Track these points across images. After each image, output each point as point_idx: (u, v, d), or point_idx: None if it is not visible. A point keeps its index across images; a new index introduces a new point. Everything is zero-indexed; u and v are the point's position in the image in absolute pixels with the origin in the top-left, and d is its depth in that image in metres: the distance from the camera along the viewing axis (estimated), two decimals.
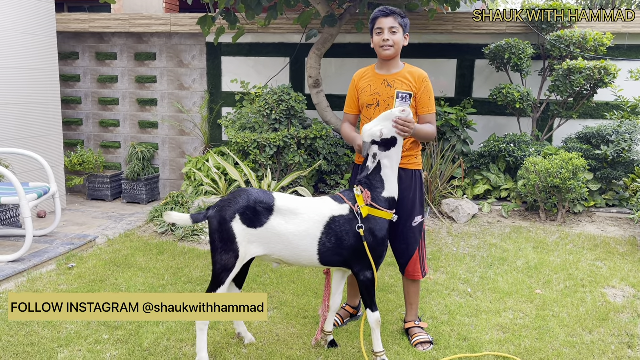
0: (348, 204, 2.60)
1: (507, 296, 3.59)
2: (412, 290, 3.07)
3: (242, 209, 2.51)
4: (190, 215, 2.57)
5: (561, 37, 5.45)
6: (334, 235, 2.55)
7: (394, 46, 2.81)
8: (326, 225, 2.56)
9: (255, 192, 2.58)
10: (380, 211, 2.60)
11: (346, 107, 3.06)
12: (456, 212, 5.28)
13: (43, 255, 4.11)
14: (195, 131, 6.70)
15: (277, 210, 2.54)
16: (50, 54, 5.70)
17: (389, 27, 2.79)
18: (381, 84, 2.88)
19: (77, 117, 7.02)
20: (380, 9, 2.82)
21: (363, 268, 2.61)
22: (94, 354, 2.76)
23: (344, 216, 2.58)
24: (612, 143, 5.32)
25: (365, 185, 2.63)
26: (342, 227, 2.56)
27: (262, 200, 2.54)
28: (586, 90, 5.45)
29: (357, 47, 6.26)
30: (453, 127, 5.81)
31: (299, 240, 2.54)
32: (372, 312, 2.65)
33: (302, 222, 2.54)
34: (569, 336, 3.06)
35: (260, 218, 2.52)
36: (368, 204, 2.59)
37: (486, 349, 2.90)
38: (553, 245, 4.60)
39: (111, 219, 5.57)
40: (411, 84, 2.86)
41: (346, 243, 2.57)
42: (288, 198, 2.60)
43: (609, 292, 3.69)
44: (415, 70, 2.91)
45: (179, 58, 6.65)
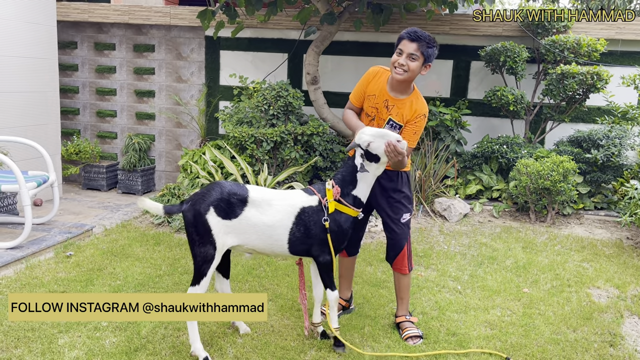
0: (317, 196, 2.74)
1: (496, 294, 3.70)
2: (402, 285, 3.16)
3: (216, 201, 2.60)
4: (164, 206, 2.63)
5: (556, 42, 5.55)
6: (303, 225, 2.70)
7: (408, 72, 2.77)
8: (297, 215, 2.70)
9: (229, 184, 2.68)
10: (346, 207, 2.74)
11: (352, 96, 3.06)
12: (448, 210, 5.38)
13: (41, 243, 4.16)
14: (192, 124, 6.75)
15: (251, 202, 2.66)
16: (51, 43, 5.73)
17: (410, 52, 2.75)
18: (382, 102, 2.91)
19: (74, 106, 7.04)
20: (410, 31, 2.76)
21: (323, 252, 2.76)
22: (93, 340, 2.83)
23: (313, 207, 2.73)
24: (602, 147, 5.44)
25: (337, 180, 2.76)
26: (310, 218, 2.71)
27: (235, 192, 2.64)
28: (579, 95, 5.56)
29: (355, 45, 6.33)
30: (447, 127, 5.90)
31: (272, 230, 2.68)
32: (331, 291, 2.81)
33: (275, 212, 2.68)
34: (553, 334, 3.17)
35: (235, 210, 2.62)
36: (336, 199, 2.72)
37: (474, 344, 3.00)
38: (541, 246, 4.71)
39: (107, 209, 5.62)
40: (405, 116, 2.88)
41: (312, 232, 2.72)
42: (261, 190, 2.74)
43: (593, 292, 3.81)
44: (418, 102, 2.89)
45: (178, 50, 6.68)
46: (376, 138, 2.68)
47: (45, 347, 2.75)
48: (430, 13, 5.70)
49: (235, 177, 5.48)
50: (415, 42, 2.75)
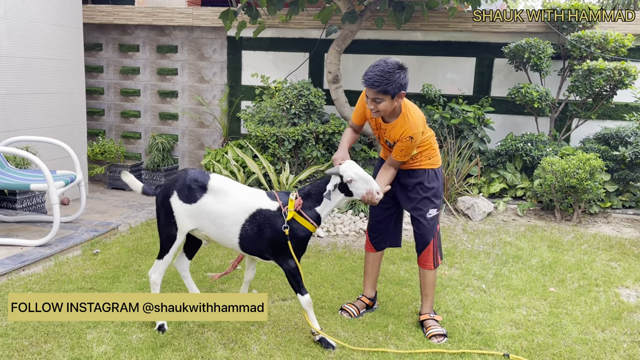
0: (278, 202, 2.81)
1: (521, 293, 3.65)
2: (427, 281, 3.15)
3: (180, 186, 2.81)
4: (142, 186, 2.96)
5: (582, 38, 5.45)
6: (256, 226, 2.77)
7: (380, 111, 2.81)
8: (252, 214, 2.78)
9: (193, 171, 2.86)
10: (305, 220, 2.79)
11: (353, 116, 3.16)
12: (471, 209, 5.32)
13: (69, 241, 4.24)
14: (215, 124, 6.81)
15: (210, 190, 2.79)
16: (77, 45, 5.84)
17: (372, 98, 2.79)
18: (376, 126, 3.01)
19: (99, 107, 7.17)
20: (365, 78, 2.76)
21: (285, 260, 2.80)
22: (120, 336, 2.88)
23: (270, 211, 2.79)
24: (630, 144, 5.32)
25: (302, 194, 2.83)
26: (266, 221, 2.77)
27: (197, 178, 2.81)
28: (605, 91, 5.45)
29: (377, 43, 6.31)
30: (470, 125, 5.84)
31: (224, 220, 2.78)
32: (301, 295, 2.82)
33: (231, 204, 2.78)
34: (581, 333, 3.11)
35: (195, 195, 2.79)
36: (297, 210, 2.78)
37: (499, 344, 2.96)
38: (568, 245, 4.63)
39: (132, 208, 5.71)
40: (394, 137, 2.91)
41: (266, 235, 2.77)
42: (223, 180, 2.84)
43: (622, 292, 3.73)
44: (405, 125, 2.86)
45: (200, 51, 6.75)
46: (360, 180, 2.76)
47: (74, 342, 2.81)
48: (452, 10, 5.65)
49: (258, 176, 5.51)
50: (372, 88, 2.75)
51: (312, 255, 4.24)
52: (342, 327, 3.10)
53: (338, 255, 4.29)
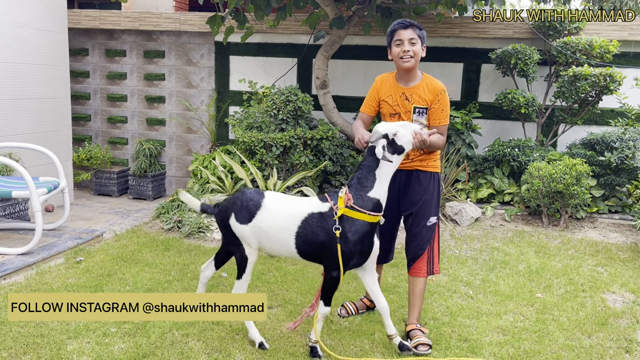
0: (330, 203, 2.71)
1: (508, 299, 3.64)
2: (417, 290, 3.11)
3: (237, 208, 2.76)
4: (201, 204, 2.91)
5: (567, 44, 5.49)
6: (310, 231, 2.68)
7: (414, 57, 2.89)
8: (304, 220, 2.69)
9: (249, 192, 2.81)
10: (360, 213, 2.64)
11: (363, 106, 3.13)
12: (459, 215, 5.32)
13: (52, 249, 4.18)
14: (202, 129, 6.77)
15: (264, 207, 2.74)
16: (62, 50, 5.78)
17: (409, 38, 2.87)
18: (400, 96, 2.97)
19: (85, 112, 7.10)
20: (399, 22, 2.90)
21: (331, 267, 2.70)
22: (102, 346, 2.83)
23: (322, 213, 2.69)
24: (615, 150, 5.36)
25: (353, 186, 2.69)
26: (318, 223, 2.68)
27: (252, 198, 2.77)
28: (591, 97, 5.49)
29: (365, 49, 6.31)
30: (458, 131, 5.85)
31: (279, 233, 2.71)
32: (324, 305, 2.76)
33: (282, 216, 2.71)
34: (568, 340, 3.10)
35: (250, 215, 2.74)
36: (348, 205, 2.65)
37: (486, 351, 2.95)
38: (555, 250, 4.64)
39: (118, 215, 5.64)
40: (427, 98, 2.95)
41: (320, 239, 2.67)
42: (276, 196, 2.79)
43: (608, 297, 3.73)
44: (432, 82, 2.98)
45: (188, 56, 6.71)
46: (400, 128, 2.68)
47: (54, 353, 2.75)
48: (439, 16, 5.67)
49: (245, 182, 5.47)
50: (408, 27, 2.88)
51: (299, 262, 4.21)
52: (328, 335, 3.07)
53: None
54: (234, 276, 3.88)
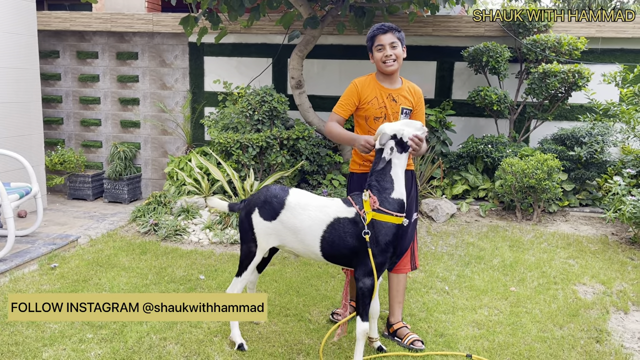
0: (355, 207, 2.66)
1: (483, 293, 3.71)
2: (400, 287, 3.13)
3: (261, 203, 2.77)
4: (228, 204, 2.97)
5: (537, 41, 5.60)
6: (336, 236, 2.64)
7: (397, 60, 2.92)
8: (329, 224, 2.66)
9: (274, 188, 2.82)
10: (387, 215, 2.61)
11: (339, 109, 3.03)
12: (435, 211, 5.40)
13: (25, 256, 4.11)
14: (178, 131, 6.72)
15: (287, 205, 2.72)
16: (31, 53, 5.67)
17: (390, 42, 2.91)
18: (387, 98, 2.98)
19: (57, 115, 6.98)
20: (378, 27, 2.94)
21: (363, 274, 2.63)
22: (78, 353, 2.80)
23: (349, 218, 2.65)
24: (585, 145, 5.49)
25: (374, 188, 2.66)
26: (346, 229, 2.64)
27: (276, 195, 2.76)
28: (561, 93, 5.61)
29: (339, 48, 6.34)
30: (432, 129, 5.92)
31: (303, 235, 2.70)
32: (361, 321, 2.64)
33: (307, 218, 2.69)
34: (540, 331, 3.18)
35: (274, 212, 2.74)
36: (375, 209, 2.62)
37: (461, 345, 3.01)
38: (528, 244, 4.74)
39: (93, 219, 5.57)
40: (411, 100, 3.02)
41: (349, 244, 2.63)
42: (300, 194, 2.77)
43: (579, 289, 3.84)
44: (413, 86, 3.07)
45: (161, 57, 6.65)
46: (405, 127, 2.69)
47: None
48: (412, 15, 5.73)
49: (222, 184, 5.46)
50: (388, 32, 2.93)
51: (277, 263, 4.22)
52: (306, 335, 3.09)
53: (303, 261, 4.28)
54: (212, 278, 3.89)
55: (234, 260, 4.28)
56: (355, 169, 3.08)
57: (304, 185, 5.96)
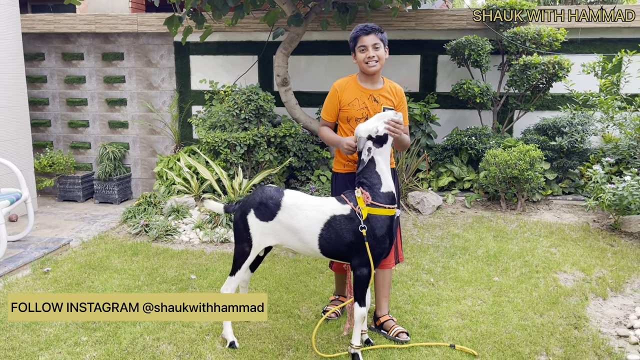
0: (349, 204, 2.78)
1: (467, 284, 3.82)
2: (386, 282, 3.23)
3: (257, 204, 2.84)
4: (224, 206, 3.04)
5: (517, 34, 5.69)
6: (333, 233, 2.76)
7: (379, 61, 2.98)
8: (326, 222, 2.77)
9: (269, 189, 2.88)
10: (381, 209, 2.75)
11: (325, 114, 3.16)
12: (421, 204, 5.50)
13: (17, 261, 4.16)
14: (166, 130, 6.76)
15: (284, 206, 2.81)
16: (17, 56, 5.68)
17: (372, 43, 2.96)
18: (368, 99, 3.05)
19: (45, 118, 6.99)
20: (361, 28, 2.98)
21: (361, 264, 2.77)
22: (73, 356, 2.88)
23: (345, 215, 2.77)
24: (566, 134, 5.61)
25: (364, 185, 2.79)
26: (343, 226, 2.76)
27: (272, 196, 2.84)
28: (542, 84, 5.71)
29: (324, 44, 6.40)
30: (417, 122, 6.01)
31: (301, 234, 2.79)
32: (359, 306, 2.80)
33: (304, 218, 2.79)
34: (521, 320, 3.30)
35: (271, 213, 2.82)
36: (368, 204, 2.75)
37: (445, 335, 3.12)
38: (512, 234, 4.86)
39: (84, 221, 5.62)
40: (393, 100, 3.08)
41: (347, 240, 2.76)
42: (295, 195, 2.86)
43: (560, 276, 3.96)
44: (394, 85, 3.13)
45: (147, 57, 6.67)
46: (376, 122, 2.80)
47: None
48: (395, 10, 5.79)
49: (211, 182, 5.52)
50: (370, 33, 2.97)
51: (267, 260, 4.31)
52: (295, 330, 3.19)
53: (292, 258, 4.37)
54: (203, 277, 3.97)
55: (225, 258, 4.37)
56: (340, 169, 3.16)
57: (293, 181, 6.04)
